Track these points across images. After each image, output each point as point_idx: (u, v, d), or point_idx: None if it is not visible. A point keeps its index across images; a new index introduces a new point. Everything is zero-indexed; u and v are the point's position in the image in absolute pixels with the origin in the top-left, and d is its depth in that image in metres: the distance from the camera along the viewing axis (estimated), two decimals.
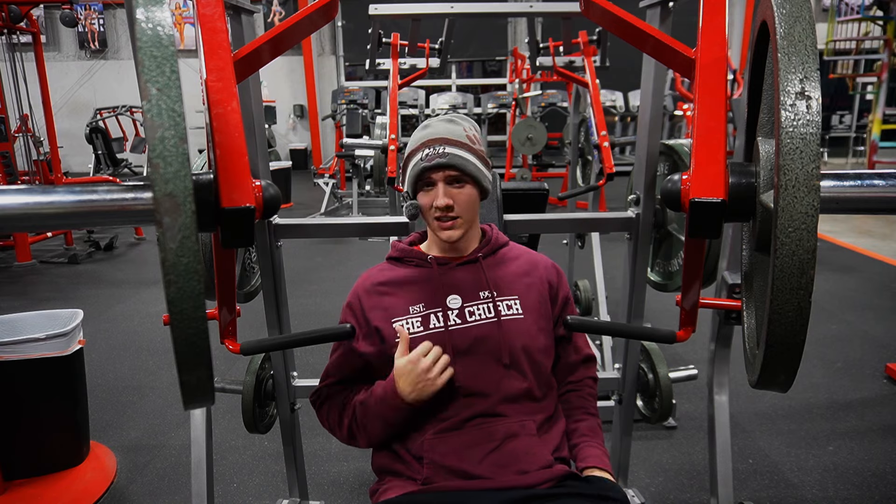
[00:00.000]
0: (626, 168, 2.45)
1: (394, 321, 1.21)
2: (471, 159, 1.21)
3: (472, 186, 1.22)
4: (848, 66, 9.86)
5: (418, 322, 1.21)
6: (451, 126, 1.23)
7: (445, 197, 1.19)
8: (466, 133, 1.23)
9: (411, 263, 1.29)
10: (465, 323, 1.20)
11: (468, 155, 1.20)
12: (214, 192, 0.88)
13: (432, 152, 1.19)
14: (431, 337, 1.18)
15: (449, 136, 1.21)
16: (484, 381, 1.18)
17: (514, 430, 1.15)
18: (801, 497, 2.05)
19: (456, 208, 1.20)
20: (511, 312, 1.23)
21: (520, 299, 1.25)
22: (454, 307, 1.22)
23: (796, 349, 0.77)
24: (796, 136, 0.71)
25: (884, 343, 3.30)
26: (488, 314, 1.22)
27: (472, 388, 1.17)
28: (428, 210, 1.22)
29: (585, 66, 3.03)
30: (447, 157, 1.18)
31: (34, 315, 2.24)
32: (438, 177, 1.20)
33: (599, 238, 3.14)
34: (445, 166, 1.19)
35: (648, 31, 1.15)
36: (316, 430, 2.47)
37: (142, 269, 5.15)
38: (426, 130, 1.24)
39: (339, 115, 8.04)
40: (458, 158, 1.19)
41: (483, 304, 1.23)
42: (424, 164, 1.19)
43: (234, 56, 1.07)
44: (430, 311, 1.21)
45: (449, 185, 1.20)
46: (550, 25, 8.07)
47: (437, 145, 1.19)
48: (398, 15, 2.28)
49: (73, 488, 2.10)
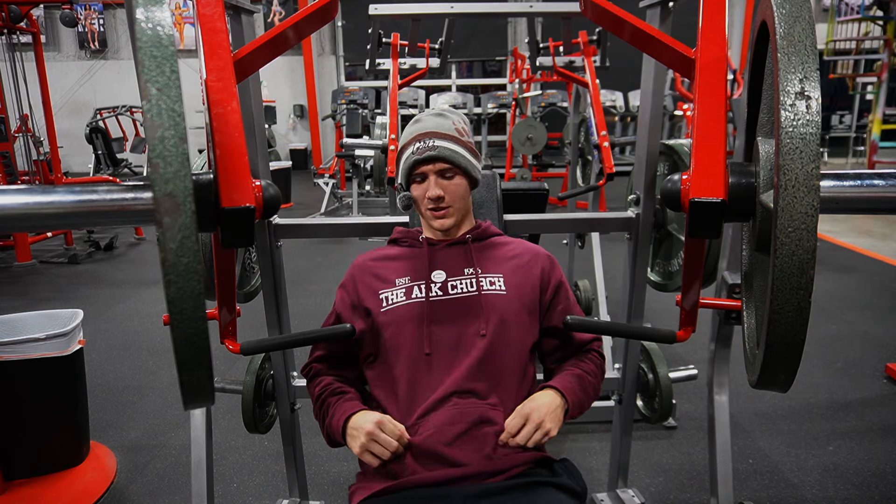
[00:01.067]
0: (626, 168, 2.45)
1: (380, 292, 1.27)
2: (460, 151, 1.26)
3: (462, 177, 1.28)
4: (848, 66, 9.86)
5: (402, 293, 1.26)
6: (441, 120, 1.29)
7: (437, 188, 1.25)
8: (455, 126, 1.29)
9: (405, 244, 1.36)
10: (447, 295, 1.25)
11: (457, 147, 1.26)
12: (214, 192, 0.88)
13: (423, 146, 1.25)
14: (412, 306, 1.24)
15: (438, 130, 1.26)
16: (461, 351, 1.20)
17: (488, 415, 1.16)
18: (801, 497, 2.05)
19: (447, 198, 1.27)
20: (493, 288, 1.26)
21: (504, 277, 1.28)
22: (438, 280, 1.27)
23: (796, 349, 0.77)
24: (796, 136, 0.71)
25: (884, 343, 3.30)
26: (470, 288, 1.26)
27: (449, 359, 1.19)
28: (421, 201, 1.29)
29: (585, 66, 3.03)
30: (437, 149, 1.24)
31: (34, 315, 2.24)
32: (429, 169, 1.26)
33: (599, 238, 3.14)
34: (436, 159, 1.25)
35: (648, 31, 1.15)
36: (316, 429, 2.45)
37: (142, 269, 5.15)
38: (417, 125, 1.30)
39: (339, 115, 8.04)
40: (447, 151, 1.25)
41: (466, 279, 1.27)
42: (416, 157, 1.25)
43: (234, 56, 1.07)
44: (414, 284, 1.27)
45: (440, 177, 1.26)
46: (550, 25, 8.07)
47: (428, 139, 1.25)
48: (398, 15, 2.28)
49: (73, 488, 2.10)
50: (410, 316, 1.23)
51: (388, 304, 1.26)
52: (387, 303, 1.26)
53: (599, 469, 2.20)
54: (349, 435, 1.17)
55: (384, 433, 1.13)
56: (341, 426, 1.18)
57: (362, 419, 1.16)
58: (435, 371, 1.19)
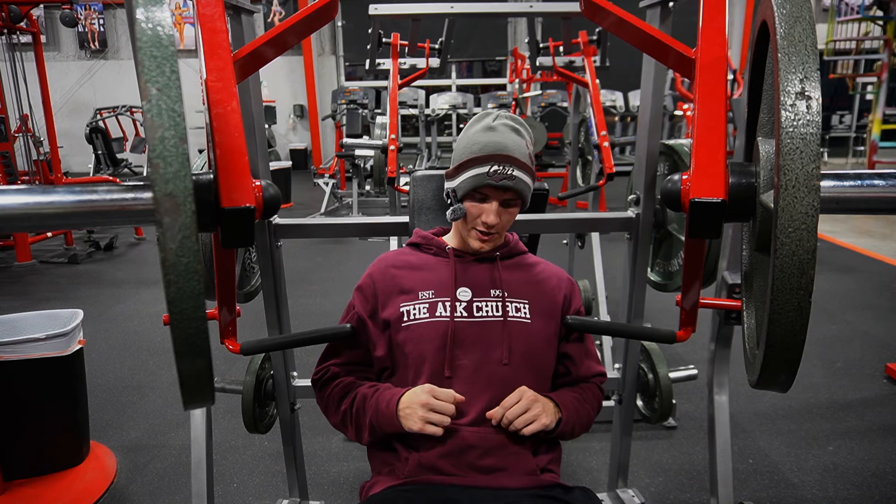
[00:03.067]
0: (626, 168, 2.44)
1: (402, 305, 1.22)
2: (530, 183, 1.21)
3: (520, 206, 1.23)
4: (848, 66, 9.85)
5: (425, 308, 1.21)
6: (518, 139, 1.20)
7: (496, 216, 1.20)
8: (528, 151, 1.22)
9: (430, 251, 1.30)
10: (472, 317, 1.21)
11: (529, 179, 1.20)
12: (214, 192, 0.88)
13: (501, 172, 1.16)
14: (435, 325, 1.19)
15: (516, 156, 1.18)
16: (483, 377, 1.18)
17: (504, 442, 1.15)
18: (801, 497, 2.05)
19: (498, 226, 1.22)
20: (519, 315, 1.23)
21: (529, 304, 1.24)
22: (463, 300, 1.22)
23: (796, 349, 0.77)
24: (796, 136, 0.71)
25: (884, 343, 3.30)
26: (496, 312, 1.22)
27: (470, 384, 1.17)
28: (473, 219, 1.22)
29: (585, 66, 3.03)
30: (514, 180, 1.17)
31: (34, 315, 2.24)
32: (497, 196, 1.19)
33: (599, 238, 3.14)
34: (509, 189, 1.18)
35: (648, 31, 1.15)
36: (316, 429, 2.48)
37: (142, 269, 5.15)
38: (492, 137, 1.19)
39: (339, 115, 8.04)
40: (522, 184, 1.19)
41: (493, 301, 1.23)
42: (490, 181, 1.17)
43: (234, 56, 1.07)
44: (439, 300, 1.22)
45: (502, 205, 1.20)
46: (550, 25, 8.07)
47: (508, 165, 1.17)
48: (398, 15, 2.28)
49: (73, 488, 2.10)
50: (433, 335, 1.19)
51: (410, 318, 1.21)
52: (408, 317, 1.21)
53: (599, 469, 2.20)
54: (403, 416, 1.13)
55: (439, 399, 1.11)
56: (394, 410, 1.14)
57: (412, 396, 1.14)
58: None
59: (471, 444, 1.13)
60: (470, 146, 1.20)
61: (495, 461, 1.14)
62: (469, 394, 1.16)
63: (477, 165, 1.18)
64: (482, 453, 1.13)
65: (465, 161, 1.20)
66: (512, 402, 1.14)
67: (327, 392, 1.28)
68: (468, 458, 1.13)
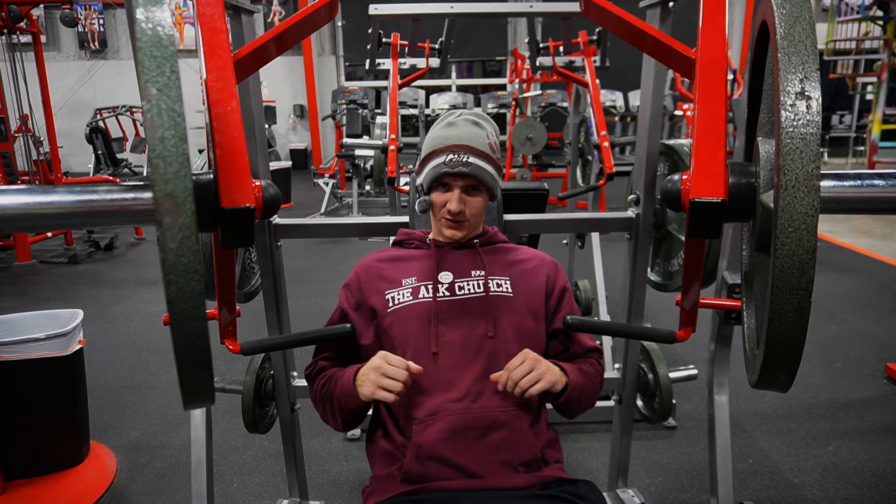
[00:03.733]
0: (626, 168, 2.45)
1: (386, 292, 1.27)
2: (489, 170, 1.26)
3: (485, 194, 1.29)
4: (848, 66, 9.85)
5: (408, 293, 1.26)
6: (476, 130, 1.27)
7: (459, 203, 1.25)
8: (489, 141, 1.28)
9: (412, 245, 1.36)
10: (454, 296, 1.25)
11: (488, 166, 1.26)
12: (214, 192, 0.88)
13: (455, 159, 1.24)
14: (419, 306, 1.23)
15: (473, 144, 1.25)
16: (469, 352, 1.19)
17: (500, 418, 1.15)
18: (801, 497, 2.05)
19: (466, 213, 1.27)
20: (501, 290, 1.26)
21: (511, 280, 1.28)
22: (445, 281, 1.27)
23: (796, 349, 0.77)
24: (796, 136, 0.71)
25: (884, 343, 3.30)
26: (477, 289, 1.26)
27: (457, 359, 1.19)
28: (440, 209, 1.28)
29: (585, 66, 3.03)
30: (470, 167, 1.24)
31: (34, 315, 2.24)
32: (457, 183, 1.26)
33: (599, 238, 3.14)
34: (466, 175, 1.24)
35: (648, 31, 1.15)
36: (316, 430, 2.48)
37: (142, 269, 5.15)
38: (451, 131, 1.27)
39: (339, 115, 8.04)
40: (479, 170, 1.24)
41: (474, 280, 1.27)
42: (446, 168, 1.24)
43: (234, 56, 1.07)
44: (421, 284, 1.27)
45: (464, 192, 1.26)
46: (550, 25, 8.07)
47: (463, 153, 1.24)
48: (398, 15, 2.28)
49: (73, 488, 2.10)
50: (417, 315, 1.23)
51: (395, 303, 1.25)
52: (393, 303, 1.25)
53: (599, 469, 2.20)
54: (359, 384, 1.15)
55: (391, 364, 1.12)
56: (352, 382, 1.17)
57: (367, 364, 1.16)
58: (443, 370, 1.18)
59: (466, 425, 1.14)
60: (431, 142, 1.29)
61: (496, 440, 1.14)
62: (457, 368, 1.18)
63: (436, 157, 1.26)
64: (479, 433, 1.14)
65: (426, 155, 1.29)
66: (516, 364, 1.14)
67: (314, 387, 1.31)
68: (467, 440, 1.13)
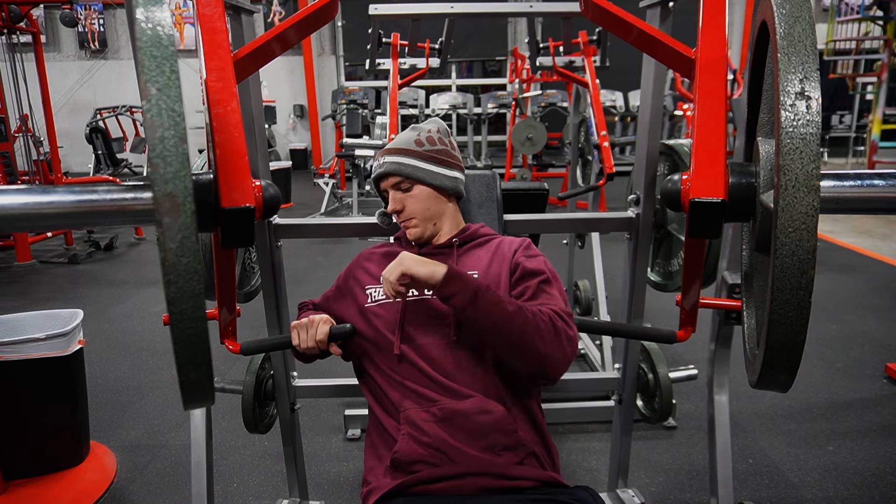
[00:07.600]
0: (626, 168, 2.45)
1: (367, 287, 1.32)
2: (410, 162, 1.28)
3: (422, 186, 1.30)
4: (848, 66, 9.85)
5: (382, 290, 1.28)
6: (409, 134, 1.33)
7: (393, 202, 1.30)
8: (418, 138, 1.31)
9: (400, 243, 1.41)
10: (423, 295, 1.25)
11: (408, 159, 1.29)
12: (214, 192, 0.88)
13: (377, 164, 1.32)
14: (388, 305, 1.27)
15: (396, 146, 1.31)
16: (437, 353, 1.20)
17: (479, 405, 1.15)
18: (801, 497, 2.05)
19: (406, 210, 1.30)
20: None
21: (478, 273, 1.27)
22: None
23: (796, 349, 0.77)
24: (796, 136, 0.72)
25: (884, 343, 3.30)
26: None
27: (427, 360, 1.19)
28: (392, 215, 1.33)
29: (585, 66, 3.03)
30: (384, 166, 1.29)
31: (34, 315, 2.24)
32: (387, 185, 1.32)
33: (599, 238, 3.14)
34: (384, 175, 1.30)
35: (648, 31, 1.15)
36: (316, 430, 2.48)
37: (142, 269, 5.15)
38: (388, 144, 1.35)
39: (339, 115, 8.04)
40: (393, 165, 1.28)
41: None
42: (374, 174, 1.33)
43: (234, 56, 1.07)
44: None
45: (397, 191, 1.30)
46: (550, 25, 8.07)
47: (383, 156, 1.31)
48: (398, 15, 2.28)
49: (73, 488, 2.10)
50: (385, 314, 1.26)
51: (372, 300, 1.30)
52: (370, 299, 1.30)
53: (599, 469, 2.20)
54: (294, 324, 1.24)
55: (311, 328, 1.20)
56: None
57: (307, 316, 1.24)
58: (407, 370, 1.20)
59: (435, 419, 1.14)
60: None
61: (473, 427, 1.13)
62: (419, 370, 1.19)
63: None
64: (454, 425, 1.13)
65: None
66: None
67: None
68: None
